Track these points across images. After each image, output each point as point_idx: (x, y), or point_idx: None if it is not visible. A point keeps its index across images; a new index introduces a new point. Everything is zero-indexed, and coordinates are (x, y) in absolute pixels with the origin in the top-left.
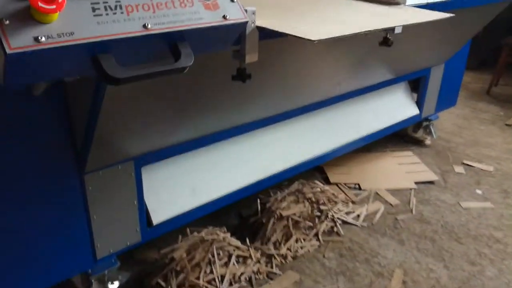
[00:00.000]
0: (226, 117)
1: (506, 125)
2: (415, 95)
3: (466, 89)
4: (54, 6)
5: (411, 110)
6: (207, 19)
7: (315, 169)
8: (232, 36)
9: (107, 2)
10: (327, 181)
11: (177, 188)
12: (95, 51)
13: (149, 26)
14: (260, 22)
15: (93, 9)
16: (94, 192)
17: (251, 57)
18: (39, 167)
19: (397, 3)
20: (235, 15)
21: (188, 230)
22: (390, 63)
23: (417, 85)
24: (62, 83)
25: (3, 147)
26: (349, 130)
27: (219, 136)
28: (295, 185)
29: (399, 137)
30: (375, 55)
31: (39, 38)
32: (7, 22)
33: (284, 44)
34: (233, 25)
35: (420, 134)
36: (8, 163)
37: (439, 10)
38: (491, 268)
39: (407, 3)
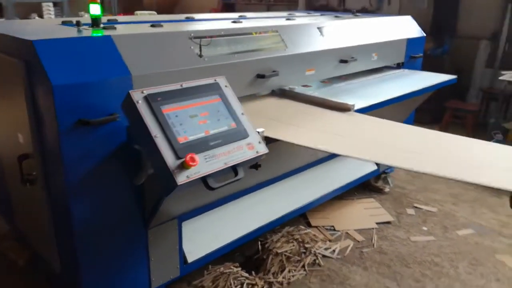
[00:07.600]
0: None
1: None
2: None
3: None
4: (195, 163)
5: (371, 167)
6: (249, 154)
7: (300, 216)
8: (260, 158)
9: (209, 154)
10: (309, 224)
11: (205, 235)
12: (206, 177)
13: (228, 162)
14: (266, 133)
15: (205, 158)
16: (153, 241)
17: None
18: (122, 226)
19: (348, 109)
20: (262, 150)
21: (210, 266)
22: None
23: None
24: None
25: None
26: (325, 184)
27: (234, 197)
28: (286, 229)
29: (364, 186)
30: None
31: (188, 176)
32: (176, 170)
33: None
34: (261, 155)
35: (380, 183)
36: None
37: (378, 108)
38: (431, 284)
39: (355, 108)
